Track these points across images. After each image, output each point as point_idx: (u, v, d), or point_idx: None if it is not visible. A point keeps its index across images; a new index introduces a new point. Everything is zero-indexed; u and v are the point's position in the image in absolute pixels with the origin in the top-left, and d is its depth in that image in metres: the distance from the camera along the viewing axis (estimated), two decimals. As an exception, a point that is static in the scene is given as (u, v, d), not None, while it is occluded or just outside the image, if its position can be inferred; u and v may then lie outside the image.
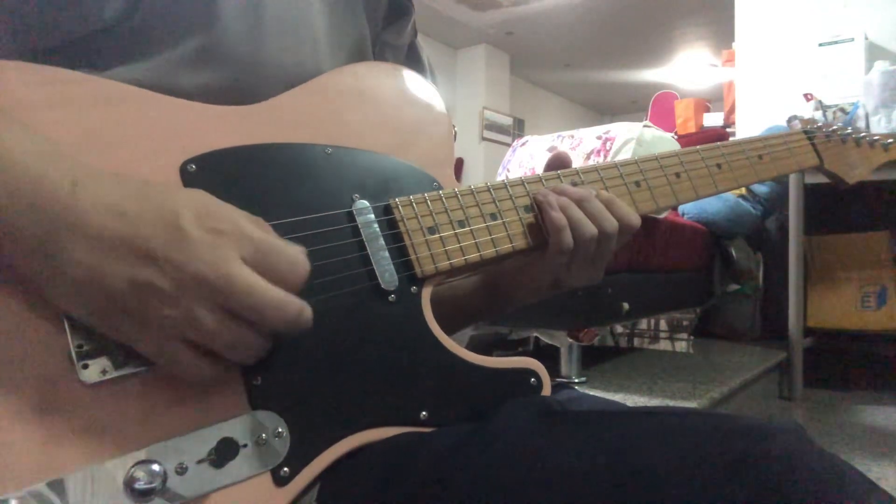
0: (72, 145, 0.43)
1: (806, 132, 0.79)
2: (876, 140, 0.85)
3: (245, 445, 0.42)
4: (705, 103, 5.03)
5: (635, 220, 0.58)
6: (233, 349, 0.39)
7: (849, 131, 0.83)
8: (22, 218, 0.36)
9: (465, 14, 6.83)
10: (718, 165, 0.67)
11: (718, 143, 0.69)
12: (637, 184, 0.62)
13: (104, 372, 0.39)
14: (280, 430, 0.43)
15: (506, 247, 0.55)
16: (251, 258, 0.39)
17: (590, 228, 0.55)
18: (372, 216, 0.51)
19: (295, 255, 0.41)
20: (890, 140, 0.87)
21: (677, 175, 0.64)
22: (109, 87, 0.46)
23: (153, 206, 0.39)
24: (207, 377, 0.40)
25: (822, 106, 2.48)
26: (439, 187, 0.56)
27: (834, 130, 0.81)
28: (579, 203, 0.56)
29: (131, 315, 0.37)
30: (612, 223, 0.56)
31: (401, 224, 0.52)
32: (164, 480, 0.38)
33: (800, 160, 0.76)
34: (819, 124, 0.81)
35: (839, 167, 0.81)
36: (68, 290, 0.37)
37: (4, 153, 0.37)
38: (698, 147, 0.68)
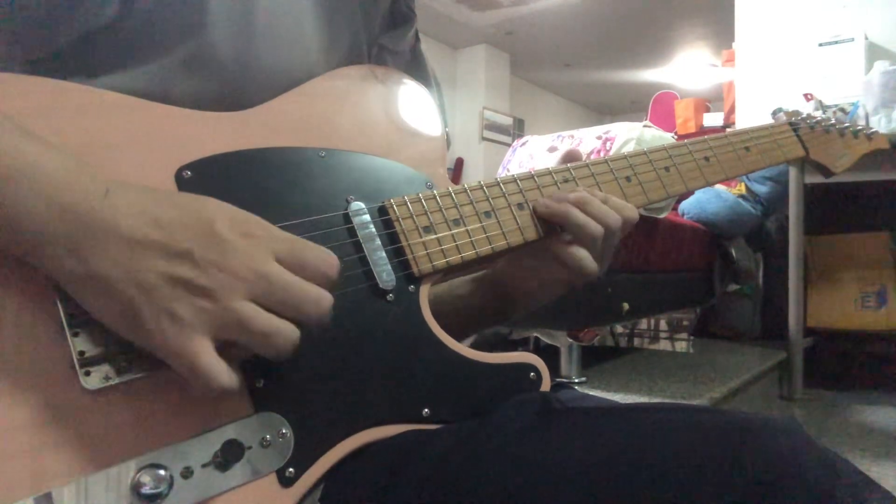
0: None
1: (791, 124, 0.80)
2: (859, 130, 0.87)
3: (250, 447, 0.42)
4: (705, 103, 5.04)
5: (633, 213, 0.59)
6: (268, 340, 0.39)
7: (832, 122, 0.84)
8: (57, 222, 0.37)
9: (465, 14, 6.83)
10: (706, 158, 0.68)
11: (706, 136, 0.70)
12: (628, 178, 0.63)
13: (107, 378, 0.39)
14: (284, 431, 0.43)
15: (501, 243, 0.56)
16: (284, 258, 0.41)
17: (596, 229, 0.56)
18: (367, 217, 0.51)
19: (326, 253, 0.43)
20: (872, 129, 0.89)
21: (666, 169, 0.65)
22: (102, 96, 0.46)
23: (185, 213, 0.40)
24: (222, 383, 0.38)
25: (822, 106, 2.48)
26: (433, 187, 0.56)
27: (817, 122, 0.83)
28: (580, 206, 0.56)
29: (164, 312, 0.37)
30: (615, 218, 0.57)
31: (396, 224, 0.52)
32: (171, 484, 0.38)
33: (786, 151, 0.77)
34: (803, 116, 0.82)
35: (824, 157, 0.82)
36: (102, 292, 0.38)
37: (34, 163, 0.38)
38: (686, 141, 0.69)
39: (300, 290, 0.40)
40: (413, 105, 0.61)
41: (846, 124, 0.86)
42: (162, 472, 0.38)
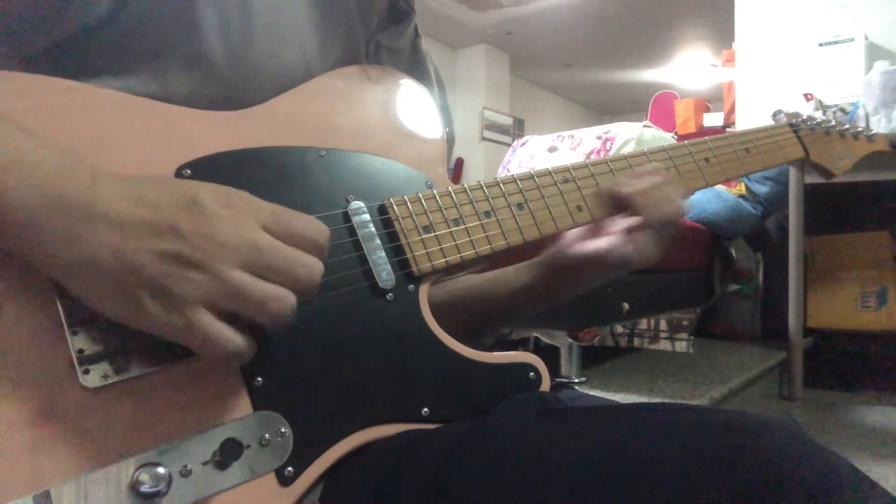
0: None
1: (791, 125, 0.80)
2: (860, 132, 0.87)
3: (248, 446, 0.42)
4: (705, 103, 5.04)
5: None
6: (263, 306, 0.39)
7: (832, 124, 0.84)
8: (45, 211, 0.37)
9: (465, 14, 6.83)
10: (706, 159, 0.69)
11: (706, 137, 0.70)
12: None
13: (105, 377, 0.39)
14: (283, 429, 0.43)
15: (500, 243, 0.56)
16: (271, 226, 0.41)
17: (673, 209, 0.58)
18: (367, 216, 0.51)
19: (311, 219, 0.43)
20: (872, 131, 0.89)
21: (666, 170, 0.65)
22: (102, 93, 0.46)
23: (170, 192, 0.40)
24: (238, 347, 0.39)
25: (822, 106, 2.48)
26: (433, 186, 0.56)
27: (818, 123, 0.83)
28: (656, 188, 0.59)
29: (158, 290, 0.37)
30: (678, 204, 0.59)
31: (396, 223, 0.52)
32: (169, 483, 0.38)
33: (786, 153, 0.77)
34: (803, 117, 0.82)
35: (825, 159, 0.82)
36: (94, 278, 0.38)
37: (18, 153, 0.38)
38: (686, 142, 0.69)
39: (290, 255, 0.41)
40: (413, 104, 0.61)
41: (846, 126, 0.86)
42: (161, 470, 0.38)
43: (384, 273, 0.50)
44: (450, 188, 0.56)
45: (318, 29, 0.61)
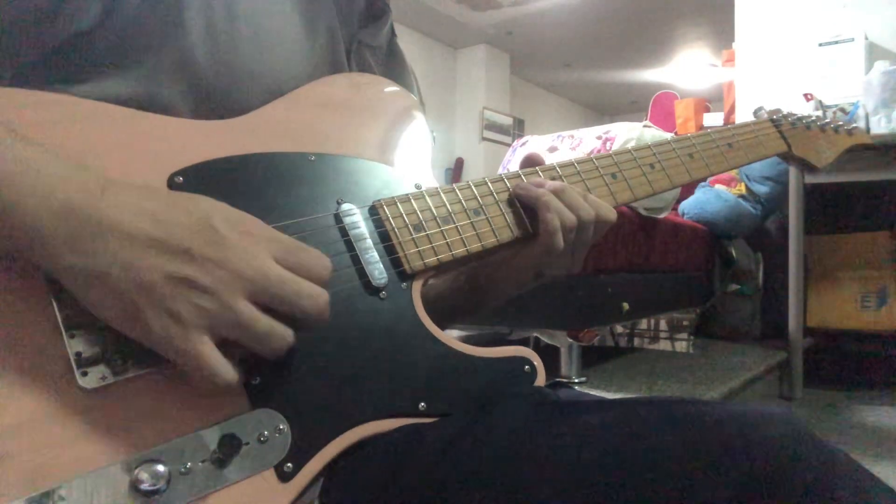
0: None
1: (773, 120, 0.82)
2: (840, 126, 0.89)
3: (247, 443, 0.42)
4: (705, 103, 5.04)
5: (610, 213, 0.60)
6: (264, 340, 0.40)
7: (813, 119, 0.86)
8: (53, 220, 0.37)
9: (465, 14, 6.84)
10: (690, 155, 0.70)
11: (690, 134, 0.72)
12: (613, 176, 0.64)
13: (103, 378, 0.40)
14: (281, 426, 0.43)
15: (490, 240, 0.57)
16: (280, 256, 0.42)
17: (569, 217, 0.57)
18: (358, 217, 0.52)
19: (318, 253, 0.44)
20: (853, 125, 0.92)
21: (651, 166, 0.67)
22: (91, 106, 0.47)
23: (182, 211, 0.40)
24: (227, 381, 0.39)
25: (822, 106, 2.48)
26: (421, 187, 0.57)
27: (799, 118, 0.85)
28: (557, 194, 0.58)
29: (165, 310, 0.38)
30: (588, 211, 0.58)
31: (386, 223, 0.53)
32: (169, 481, 0.39)
33: (768, 147, 0.79)
34: (784, 113, 0.84)
35: (807, 153, 0.84)
36: (101, 289, 0.38)
37: (31, 163, 0.38)
38: (670, 138, 0.70)
39: (297, 286, 0.41)
40: (398, 109, 0.63)
41: (827, 120, 0.88)
42: (160, 468, 0.38)
43: (377, 272, 0.51)
44: (439, 188, 0.57)
45: (301, 29, 0.62)
